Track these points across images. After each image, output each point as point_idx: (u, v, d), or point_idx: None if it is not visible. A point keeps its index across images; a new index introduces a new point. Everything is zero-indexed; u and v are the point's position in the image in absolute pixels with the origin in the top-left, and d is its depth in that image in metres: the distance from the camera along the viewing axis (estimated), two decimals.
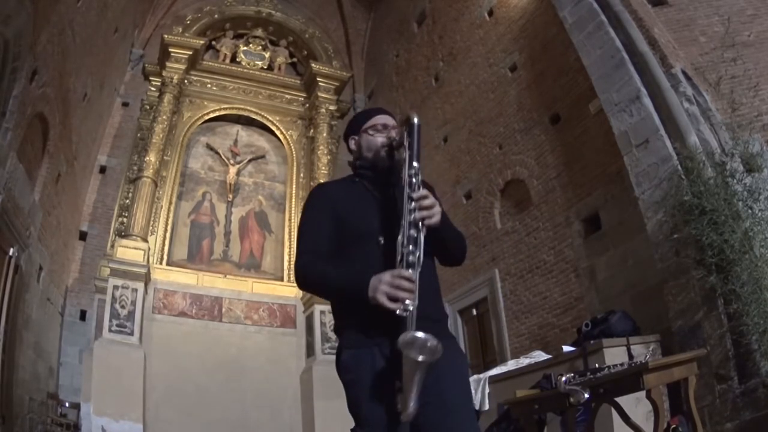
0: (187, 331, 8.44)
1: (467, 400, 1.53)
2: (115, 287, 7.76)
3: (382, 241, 1.54)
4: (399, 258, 1.42)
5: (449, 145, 8.38)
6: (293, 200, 10.27)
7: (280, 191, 10.62)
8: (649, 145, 4.54)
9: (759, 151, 4.30)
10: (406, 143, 1.55)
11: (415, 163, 1.52)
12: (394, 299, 1.37)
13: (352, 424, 1.53)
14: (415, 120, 1.55)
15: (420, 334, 1.31)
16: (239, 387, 8.17)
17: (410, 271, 1.40)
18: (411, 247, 1.42)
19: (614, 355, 3.94)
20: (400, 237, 1.44)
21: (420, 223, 1.45)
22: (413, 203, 1.45)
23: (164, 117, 9.49)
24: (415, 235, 1.43)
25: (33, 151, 6.52)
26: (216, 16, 11.11)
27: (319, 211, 1.65)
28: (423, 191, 1.49)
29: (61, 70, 6.68)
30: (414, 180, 1.49)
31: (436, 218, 1.49)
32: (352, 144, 1.80)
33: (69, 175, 7.93)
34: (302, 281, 1.60)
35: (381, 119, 1.75)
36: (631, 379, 2.59)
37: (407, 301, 1.36)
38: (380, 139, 1.70)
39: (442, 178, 8.27)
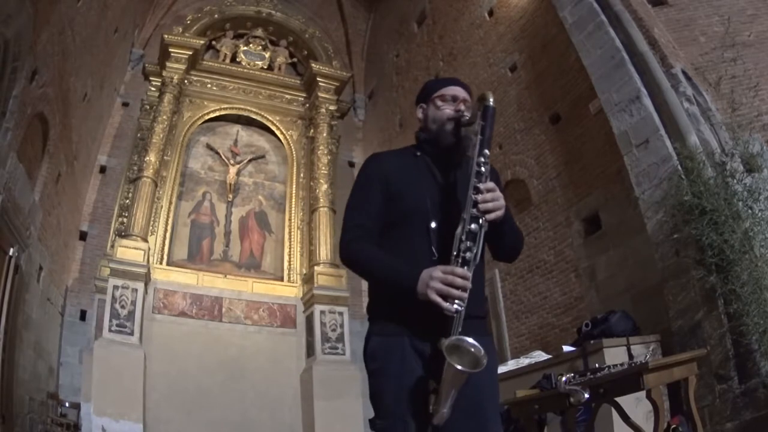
0: (187, 331, 8.44)
1: (496, 400, 1.48)
2: (115, 287, 7.75)
3: (434, 226, 1.46)
4: (455, 252, 1.34)
5: None
6: (293, 200, 10.28)
7: (280, 191, 10.62)
8: (649, 145, 4.54)
9: (759, 151, 4.30)
10: (478, 127, 1.45)
11: (486, 150, 1.43)
12: (444, 297, 1.29)
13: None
14: (491, 101, 1.46)
15: (467, 341, 1.26)
16: (239, 387, 8.17)
17: (465, 269, 1.32)
18: (470, 243, 1.34)
19: (614, 355, 3.93)
20: (459, 230, 1.35)
21: (482, 218, 1.36)
22: (478, 195, 1.37)
23: (164, 117, 9.49)
24: (476, 230, 1.35)
25: (33, 151, 6.52)
26: (216, 16, 11.11)
27: (370, 183, 1.56)
28: (490, 183, 1.40)
29: (61, 70, 6.68)
30: (483, 169, 1.40)
31: (499, 213, 1.40)
32: (419, 112, 1.67)
33: (69, 175, 7.93)
34: (347, 259, 1.51)
35: (452, 90, 1.62)
36: (631, 379, 2.59)
37: (457, 301, 1.29)
38: (447, 111, 1.58)
39: None
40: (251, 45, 11.48)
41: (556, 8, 5.89)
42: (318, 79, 10.92)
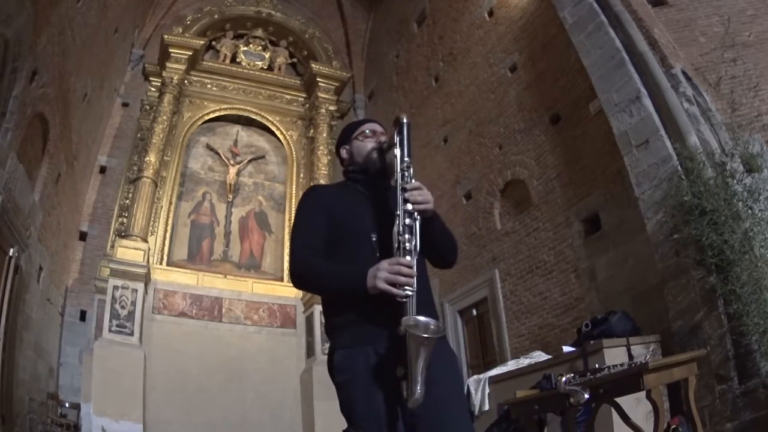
0: (187, 332, 8.45)
1: (460, 397, 1.57)
2: (115, 287, 7.76)
3: (375, 239, 1.58)
4: (396, 245, 1.46)
5: (449, 146, 8.38)
6: (293, 200, 10.27)
7: (280, 191, 10.62)
8: (649, 146, 4.54)
9: (759, 152, 4.29)
10: (396, 141, 1.59)
11: (406, 158, 1.56)
12: (393, 285, 1.39)
13: None
14: (404, 119, 1.61)
15: (422, 318, 1.35)
16: (239, 387, 8.18)
17: (408, 258, 1.43)
18: (408, 235, 1.46)
19: (614, 355, 3.93)
20: (395, 227, 1.48)
21: (415, 212, 1.49)
22: (407, 193, 1.50)
23: (164, 117, 9.49)
24: (411, 223, 1.47)
25: (33, 151, 6.52)
26: (216, 16, 11.12)
27: (312, 210, 1.69)
28: (416, 183, 1.54)
29: (61, 70, 6.68)
30: (406, 173, 1.54)
31: (428, 205, 1.53)
32: (344, 153, 1.83)
33: (69, 175, 7.93)
34: (298, 278, 1.61)
35: (369, 126, 1.80)
36: (631, 379, 2.59)
37: (407, 287, 1.39)
38: (370, 144, 1.75)
39: (442, 178, 8.27)
40: (251, 45, 11.49)
41: (556, 8, 5.89)
42: (318, 79, 10.93)
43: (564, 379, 2.80)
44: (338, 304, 1.58)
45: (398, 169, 1.56)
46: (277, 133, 10.94)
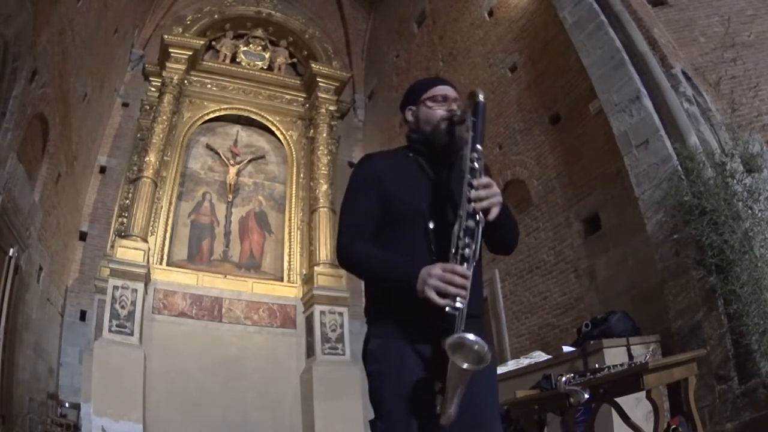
0: (187, 332, 8.44)
1: (496, 397, 1.48)
2: (115, 287, 7.75)
3: (432, 226, 1.44)
4: (453, 250, 1.32)
5: None
6: (293, 200, 10.28)
7: (280, 191, 10.61)
8: (649, 146, 4.54)
9: (759, 152, 4.30)
10: (470, 123, 1.44)
11: (478, 146, 1.41)
12: (443, 295, 1.27)
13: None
14: (481, 97, 1.45)
15: (470, 337, 1.24)
16: (239, 387, 8.17)
17: (464, 266, 1.30)
18: (467, 239, 1.32)
19: (614, 355, 3.93)
20: (456, 227, 1.34)
21: (479, 214, 1.35)
22: (474, 192, 1.35)
23: (164, 117, 9.48)
24: (473, 226, 1.33)
25: (33, 151, 6.52)
26: (216, 16, 11.11)
27: (364, 185, 1.55)
28: (485, 179, 1.39)
29: (61, 70, 6.68)
30: (476, 165, 1.39)
31: (495, 208, 1.38)
32: (409, 115, 1.65)
33: (69, 175, 7.93)
34: (344, 260, 1.50)
35: (441, 89, 1.63)
36: (631, 379, 2.59)
37: (459, 299, 1.27)
38: (440, 111, 1.58)
39: None
40: (251, 45, 11.48)
41: (556, 8, 5.89)
42: (318, 79, 10.91)
43: (564, 379, 2.80)
44: (384, 292, 1.46)
45: (467, 159, 1.39)
46: (277, 133, 10.93)
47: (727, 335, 3.73)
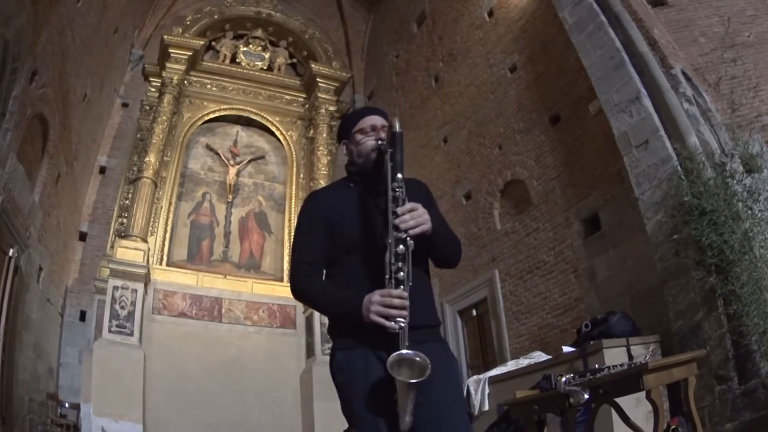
0: (187, 332, 8.44)
1: (458, 400, 1.55)
2: (115, 288, 7.76)
3: (373, 253, 1.53)
4: (387, 276, 1.42)
5: (449, 146, 8.38)
6: (293, 201, 10.27)
7: (280, 192, 10.62)
8: (648, 146, 4.55)
9: (759, 152, 4.30)
10: (387, 155, 1.52)
11: (399, 175, 1.49)
12: (386, 318, 1.38)
13: None
14: (397, 128, 1.53)
15: (406, 353, 1.33)
16: (239, 387, 8.17)
17: (400, 288, 1.40)
18: (400, 263, 1.41)
19: (614, 355, 3.93)
20: (387, 254, 1.43)
21: (408, 238, 1.43)
22: (397, 219, 1.44)
23: (164, 117, 9.49)
24: (403, 250, 1.42)
25: (33, 151, 6.52)
26: (216, 16, 11.12)
27: (313, 221, 1.65)
28: (408, 205, 1.47)
29: (61, 70, 6.68)
30: (398, 193, 1.47)
31: (422, 229, 1.47)
32: (344, 149, 1.77)
33: (69, 175, 7.93)
34: (297, 295, 1.63)
35: (368, 120, 1.70)
36: (631, 379, 2.59)
37: (399, 319, 1.38)
38: (370, 142, 1.66)
39: (442, 178, 8.27)
40: (251, 46, 11.49)
41: (556, 9, 5.89)
42: (318, 79, 10.92)
43: (564, 379, 2.80)
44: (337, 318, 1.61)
45: (389, 188, 1.48)
46: (277, 133, 10.94)
47: (727, 335, 3.73)
